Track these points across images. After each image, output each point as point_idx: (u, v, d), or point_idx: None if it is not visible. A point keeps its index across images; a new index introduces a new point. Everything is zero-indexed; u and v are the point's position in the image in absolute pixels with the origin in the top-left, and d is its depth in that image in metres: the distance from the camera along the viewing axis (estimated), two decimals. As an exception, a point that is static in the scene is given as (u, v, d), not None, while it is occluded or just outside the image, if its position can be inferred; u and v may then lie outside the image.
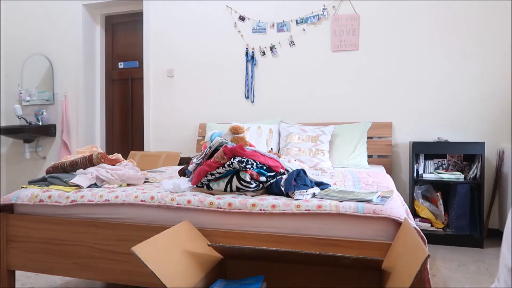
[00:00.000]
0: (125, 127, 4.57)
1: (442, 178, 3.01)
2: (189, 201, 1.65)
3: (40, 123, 4.46)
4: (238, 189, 1.69)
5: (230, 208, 1.59)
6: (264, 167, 1.72)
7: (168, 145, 4.09)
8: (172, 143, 4.08)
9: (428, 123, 3.35)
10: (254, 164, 1.67)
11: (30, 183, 2.03)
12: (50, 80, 4.50)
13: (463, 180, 2.97)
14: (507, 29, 3.15)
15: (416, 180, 3.08)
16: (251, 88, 3.82)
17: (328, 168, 2.92)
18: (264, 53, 3.78)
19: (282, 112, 3.70)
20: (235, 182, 1.68)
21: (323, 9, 3.59)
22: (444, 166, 3.16)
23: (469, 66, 3.25)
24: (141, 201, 1.70)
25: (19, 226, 1.87)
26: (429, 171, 3.15)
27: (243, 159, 1.65)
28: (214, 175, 1.71)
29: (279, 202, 1.56)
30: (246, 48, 3.81)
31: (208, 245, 1.14)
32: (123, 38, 4.56)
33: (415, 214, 3.03)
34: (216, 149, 1.82)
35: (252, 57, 3.79)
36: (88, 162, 2.04)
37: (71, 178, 1.92)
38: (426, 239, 1.36)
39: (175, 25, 4.07)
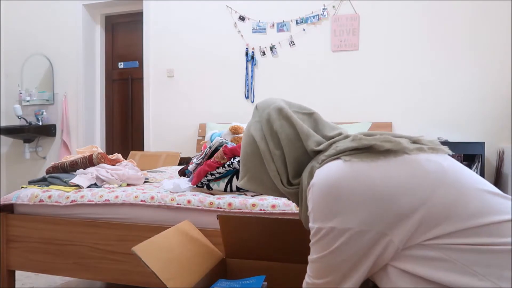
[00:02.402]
0: (125, 127, 4.57)
1: (442, 178, 3.00)
2: (189, 201, 1.65)
3: (40, 123, 4.45)
4: (238, 189, 1.69)
5: (230, 208, 1.59)
6: (264, 167, 1.71)
7: (168, 145, 4.09)
8: (172, 143, 4.08)
9: (428, 123, 3.35)
10: (254, 164, 1.66)
11: (30, 183, 2.03)
12: (50, 80, 4.50)
13: (463, 180, 2.97)
14: (507, 29, 3.15)
15: (416, 180, 3.08)
16: (251, 88, 3.82)
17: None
18: (264, 53, 3.78)
19: (282, 112, 3.69)
20: (235, 182, 1.68)
21: (323, 9, 3.59)
22: (444, 166, 3.16)
23: (469, 66, 3.25)
24: (141, 201, 1.70)
25: (19, 226, 1.86)
26: (429, 171, 3.14)
27: (243, 159, 1.65)
28: (214, 175, 1.71)
29: (279, 202, 1.56)
30: (246, 48, 3.81)
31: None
32: (123, 38, 4.56)
33: (415, 214, 3.03)
34: (216, 149, 1.82)
35: (252, 57, 3.79)
36: (88, 162, 2.04)
37: (71, 178, 1.92)
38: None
39: (175, 25, 4.07)
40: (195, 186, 1.80)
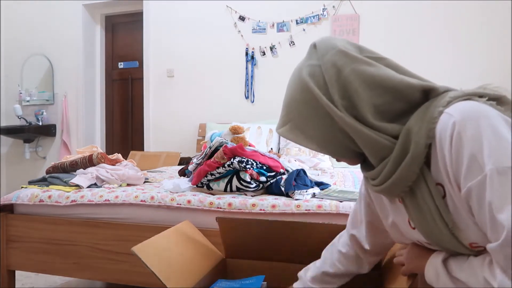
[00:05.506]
0: (125, 127, 4.57)
1: (442, 178, 3.01)
2: (189, 201, 1.65)
3: (40, 123, 4.45)
4: (238, 189, 1.69)
5: (230, 208, 1.59)
6: (264, 167, 1.72)
7: (168, 145, 4.09)
8: (172, 143, 4.08)
9: (428, 123, 3.34)
10: (254, 164, 1.67)
11: (30, 183, 2.03)
12: (50, 80, 4.50)
13: (463, 180, 2.97)
14: (508, 28, 3.15)
15: (416, 180, 3.08)
16: (251, 88, 3.82)
17: (328, 168, 2.92)
18: (264, 53, 3.78)
19: (282, 112, 3.69)
20: (235, 182, 1.68)
21: (323, 9, 3.59)
22: (444, 166, 3.16)
23: (469, 66, 3.25)
24: (141, 201, 1.70)
25: (19, 226, 1.86)
26: (429, 171, 3.14)
27: (243, 159, 1.65)
28: (214, 175, 1.71)
29: (279, 202, 1.56)
30: (246, 48, 3.81)
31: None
32: (123, 38, 4.56)
33: (415, 214, 3.03)
34: (216, 149, 1.82)
35: (252, 57, 3.79)
36: (88, 162, 2.04)
37: (71, 178, 1.92)
38: (426, 239, 1.36)
39: (175, 25, 4.07)
40: (195, 186, 1.80)
